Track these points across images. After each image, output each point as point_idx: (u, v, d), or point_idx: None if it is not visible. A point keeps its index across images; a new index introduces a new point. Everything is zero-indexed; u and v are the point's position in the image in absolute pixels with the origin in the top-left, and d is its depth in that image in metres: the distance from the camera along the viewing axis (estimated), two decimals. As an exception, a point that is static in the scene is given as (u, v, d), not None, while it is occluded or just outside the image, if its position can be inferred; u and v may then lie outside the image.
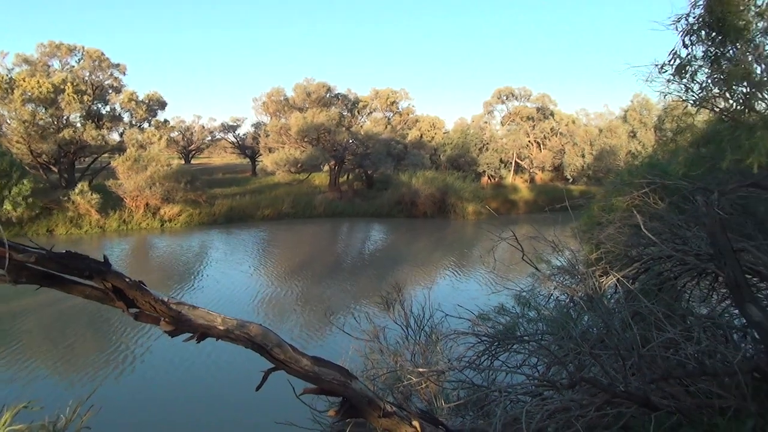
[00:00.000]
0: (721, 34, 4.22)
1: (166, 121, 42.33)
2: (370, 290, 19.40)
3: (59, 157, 36.11)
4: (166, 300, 2.34)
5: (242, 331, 2.51)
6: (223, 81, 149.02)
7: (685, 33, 4.39)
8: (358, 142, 43.37)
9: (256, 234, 33.22)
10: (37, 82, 32.97)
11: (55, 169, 36.78)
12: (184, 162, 56.79)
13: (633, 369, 3.59)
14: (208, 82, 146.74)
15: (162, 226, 34.09)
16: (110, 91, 38.96)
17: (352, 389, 2.80)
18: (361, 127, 47.85)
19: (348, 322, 12.75)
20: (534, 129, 51.80)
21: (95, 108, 37.88)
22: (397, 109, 52.93)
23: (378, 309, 6.85)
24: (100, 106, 38.64)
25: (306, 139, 41.23)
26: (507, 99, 54.33)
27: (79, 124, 36.27)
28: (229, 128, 60.75)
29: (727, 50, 4.35)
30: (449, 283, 21.40)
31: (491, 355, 4.69)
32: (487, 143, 51.17)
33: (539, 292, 6.16)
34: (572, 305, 5.28)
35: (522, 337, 4.91)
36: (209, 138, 62.19)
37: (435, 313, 5.91)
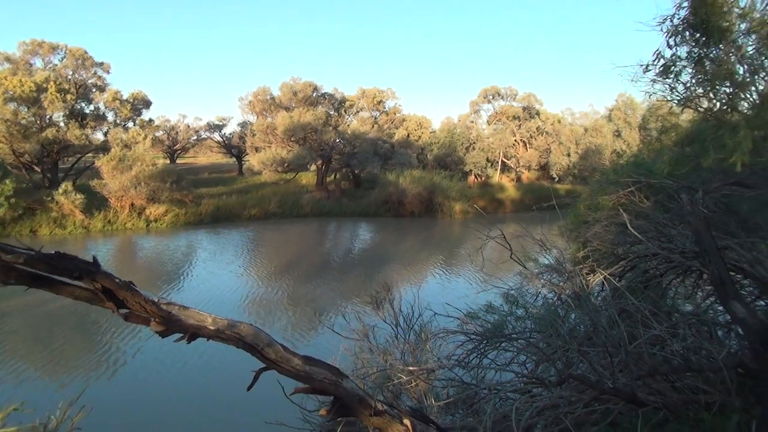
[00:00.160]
0: (705, 35, 4.28)
1: (151, 120, 41.91)
2: (359, 289, 19.37)
3: (42, 156, 35.56)
4: (157, 300, 2.32)
5: (233, 331, 2.50)
6: (209, 80, 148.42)
7: (670, 34, 4.45)
8: (345, 142, 43.29)
9: (243, 234, 33.01)
10: (19, 80, 32.43)
11: (38, 169, 36.21)
12: (169, 161, 56.24)
13: (620, 366, 3.63)
14: (194, 82, 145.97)
15: (147, 226, 33.72)
16: (94, 90, 38.42)
17: (344, 388, 2.79)
18: (348, 126, 47.71)
19: (337, 321, 12.77)
20: (520, 128, 52.08)
21: (79, 107, 37.35)
22: (384, 108, 52.85)
23: (367, 308, 6.85)
24: (84, 105, 38.08)
25: (293, 139, 41.07)
26: (493, 98, 54.62)
27: (63, 124, 35.72)
28: (215, 127, 60.26)
29: (710, 51, 4.42)
30: (438, 281, 21.44)
31: (480, 353, 4.72)
32: (474, 142, 51.36)
33: (527, 290, 6.21)
34: (560, 303, 5.33)
35: (510, 335, 4.95)
36: (195, 137, 61.58)
37: (424, 312, 5.94)
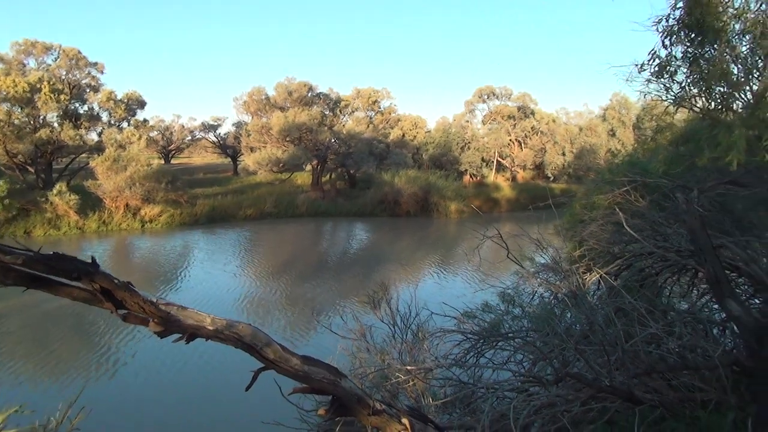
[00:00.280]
0: (700, 35, 4.30)
1: (145, 120, 41.68)
2: (355, 289, 19.37)
3: (36, 157, 35.37)
4: (155, 301, 2.32)
5: (232, 331, 2.49)
6: (203, 80, 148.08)
7: (666, 34, 4.47)
8: (341, 142, 43.26)
9: (239, 234, 32.95)
10: (13, 81, 32.21)
11: (31, 170, 35.98)
12: (163, 162, 56.06)
13: (617, 364, 3.65)
14: (188, 82, 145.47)
15: (143, 226, 33.62)
16: (88, 90, 38.19)
17: (342, 388, 2.80)
18: (343, 126, 47.66)
19: (335, 321, 12.73)
20: (515, 128, 52.18)
21: (73, 107, 37.10)
22: (379, 108, 52.89)
23: (365, 308, 6.85)
24: (78, 105, 37.83)
25: (288, 139, 41.00)
26: (488, 98, 54.70)
27: (57, 124, 35.49)
28: (210, 128, 60.12)
29: (705, 51, 4.44)
30: (434, 281, 21.46)
31: (477, 353, 4.73)
32: (469, 142, 51.44)
33: (523, 289, 6.24)
34: (556, 302, 5.35)
35: (507, 334, 4.96)
36: (189, 137, 61.38)
37: (421, 312, 5.94)
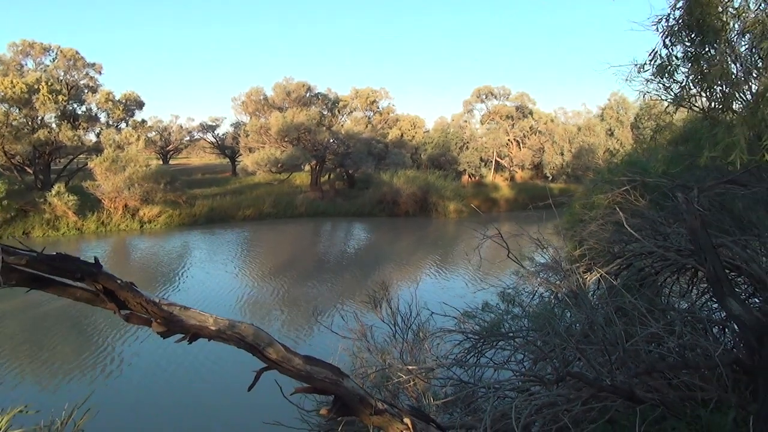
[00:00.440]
0: (700, 35, 4.31)
1: (143, 121, 41.62)
2: (355, 289, 19.34)
3: (34, 158, 35.37)
4: (158, 301, 2.32)
5: (234, 331, 2.50)
6: (201, 81, 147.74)
7: (666, 34, 4.48)
8: (339, 142, 43.23)
9: (238, 234, 32.92)
10: (11, 81, 32.15)
11: (30, 171, 35.96)
12: (162, 162, 55.99)
13: (617, 363, 3.65)
14: (186, 82, 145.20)
15: (141, 227, 33.59)
16: (86, 91, 38.13)
17: (344, 387, 2.80)
18: (342, 126, 47.65)
19: (335, 321, 12.70)
20: (513, 127, 52.18)
21: (71, 108, 37.04)
22: (378, 108, 52.88)
23: (365, 308, 6.85)
24: (76, 106, 37.76)
25: (286, 139, 40.97)
26: (486, 98, 54.70)
27: (55, 125, 35.42)
28: (208, 128, 60.02)
29: (705, 50, 4.46)
30: (434, 281, 21.43)
31: (478, 352, 4.74)
32: (468, 142, 51.46)
33: (523, 289, 6.24)
34: (556, 301, 5.35)
35: (508, 334, 4.96)
36: (188, 138, 61.30)
37: (422, 312, 5.94)
